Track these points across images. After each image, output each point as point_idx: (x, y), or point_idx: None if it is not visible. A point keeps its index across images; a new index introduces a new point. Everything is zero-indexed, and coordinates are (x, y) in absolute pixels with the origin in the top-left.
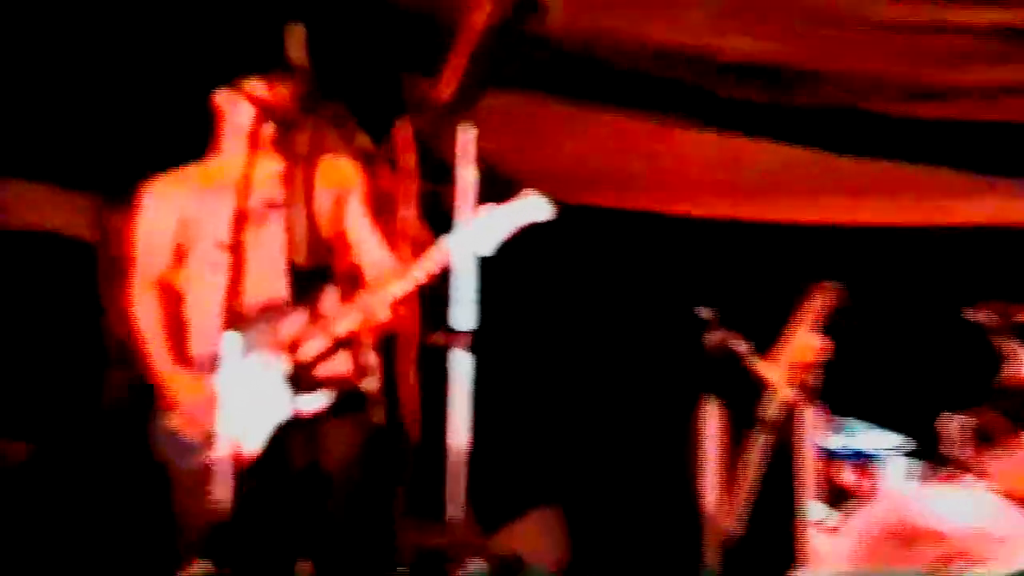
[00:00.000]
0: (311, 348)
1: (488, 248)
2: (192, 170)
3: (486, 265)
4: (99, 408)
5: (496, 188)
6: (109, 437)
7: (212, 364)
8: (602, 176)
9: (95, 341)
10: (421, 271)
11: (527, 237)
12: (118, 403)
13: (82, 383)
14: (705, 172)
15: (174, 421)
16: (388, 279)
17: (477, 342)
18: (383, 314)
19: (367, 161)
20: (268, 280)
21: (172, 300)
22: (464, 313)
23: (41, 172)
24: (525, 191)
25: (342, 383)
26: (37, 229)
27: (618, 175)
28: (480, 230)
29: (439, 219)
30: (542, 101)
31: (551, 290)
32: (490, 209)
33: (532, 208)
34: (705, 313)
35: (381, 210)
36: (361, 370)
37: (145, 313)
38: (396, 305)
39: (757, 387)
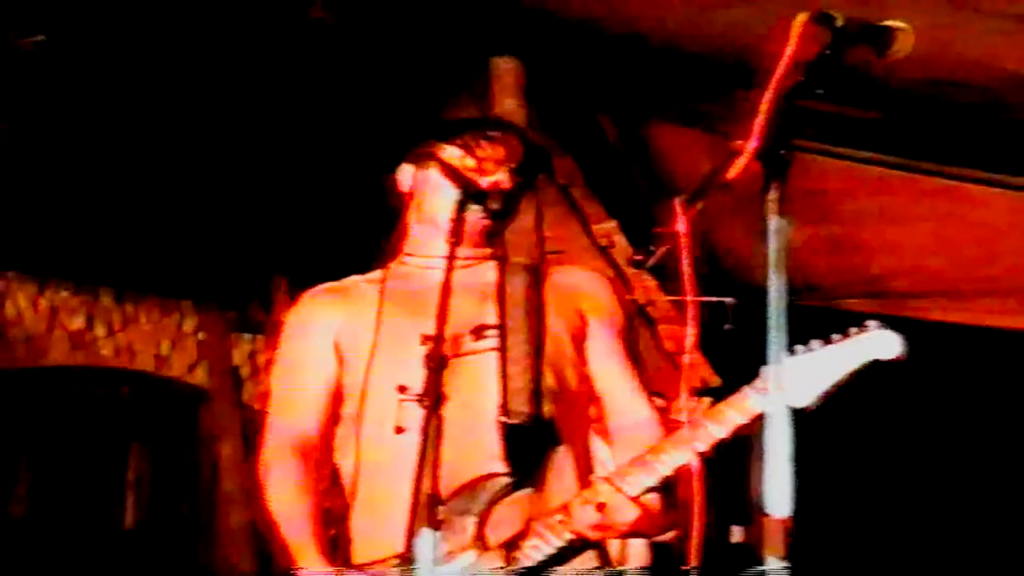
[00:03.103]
0: (539, 548)
1: (806, 399)
2: (361, 282)
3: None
4: None
5: (802, 298)
6: None
7: (390, 570)
8: (973, 278)
9: (195, 527)
10: (706, 438)
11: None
12: None
13: None
14: None
15: None
16: (655, 451)
17: (795, 536)
18: (651, 500)
19: (615, 262)
20: (473, 445)
21: (325, 473)
22: (776, 493)
23: (137, 280)
24: (871, 322)
25: None
26: (123, 368)
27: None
28: (798, 375)
29: (724, 349)
30: (872, 169)
31: (893, 452)
32: (813, 347)
33: (876, 345)
34: None
35: (640, 340)
36: None
37: (285, 491)
38: (673, 483)
39: None
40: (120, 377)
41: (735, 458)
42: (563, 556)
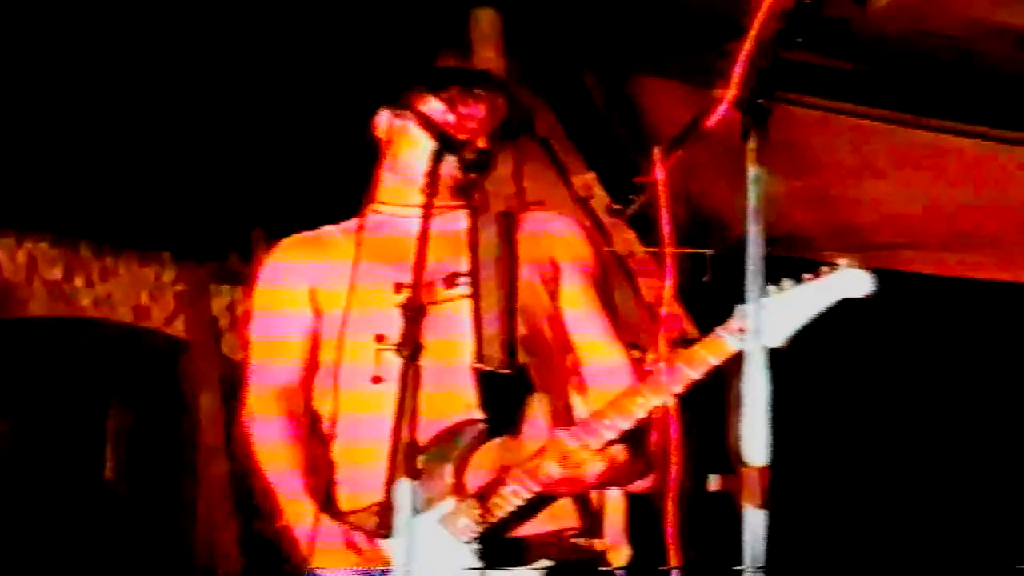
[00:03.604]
0: (514, 496)
1: (778, 338)
2: (335, 232)
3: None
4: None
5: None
6: None
7: (370, 518)
8: (952, 230)
9: (175, 478)
10: (681, 380)
11: (831, 319)
12: (223, 567)
13: (162, 536)
14: None
15: None
16: (629, 394)
17: (773, 484)
18: (617, 451)
19: (594, 213)
20: (448, 393)
21: (307, 420)
22: (754, 442)
23: (116, 232)
24: (840, 260)
25: (562, 547)
26: (102, 319)
27: (980, 227)
28: (770, 314)
29: (703, 300)
30: (852, 121)
31: (873, 402)
32: (784, 286)
33: (847, 283)
34: None
35: (615, 289)
36: (591, 526)
37: (270, 439)
38: (643, 431)
39: None
40: (99, 328)
41: (712, 405)
42: (542, 502)
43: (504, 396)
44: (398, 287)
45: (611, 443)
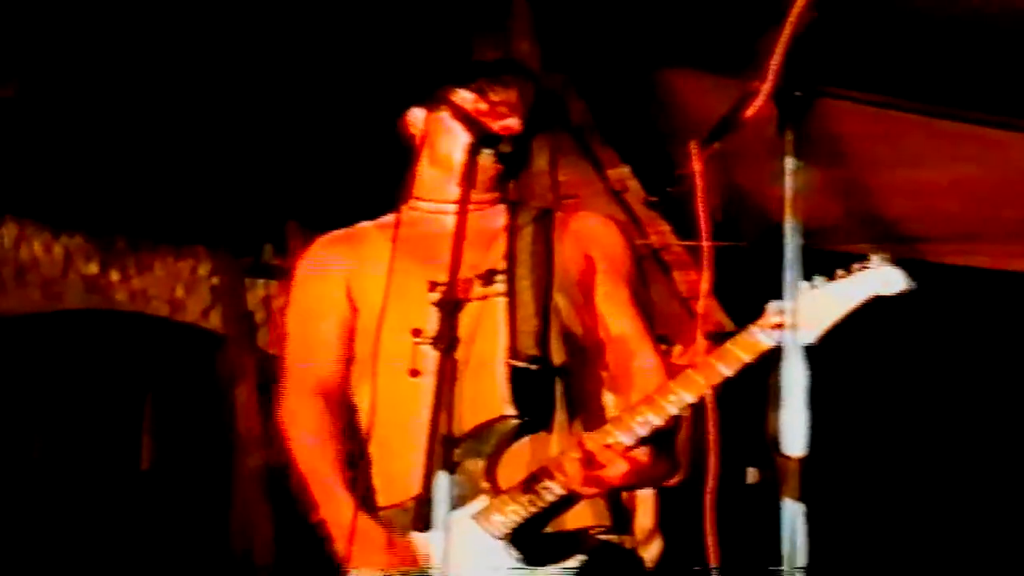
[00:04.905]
0: (546, 492)
1: (810, 336)
2: (370, 227)
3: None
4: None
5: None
6: None
7: (407, 514)
8: (989, 221)
9: (211, 471)
10: (713, 377)
11: (870, 312)
12: (259, 558)
13: (198, 527)
14: None
15: None
16: (662, 391)
17: (808, 475)
18: (640, 452)
19: (629, 207)
20: (483, 389)
21: (343, 415)
22: (791, 434)
23: (151, 226)
24: (874, 256)
25: (593, 544)
26: (138, 313)
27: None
28: (802, 311)
29: (737, 293)
30: (888, 112)
31: (911, 394)
32: (816, 283)
33: (879, 280)
34: None
35: (653, 286)
36: (622, 522)
37: (309, 436)
38: (672, 432)
39: None
40: (135, 322)
41: (750, 398)
42: (572, 499)
43: (537, 393)
44: (433, 285)
45: (643, 439)
